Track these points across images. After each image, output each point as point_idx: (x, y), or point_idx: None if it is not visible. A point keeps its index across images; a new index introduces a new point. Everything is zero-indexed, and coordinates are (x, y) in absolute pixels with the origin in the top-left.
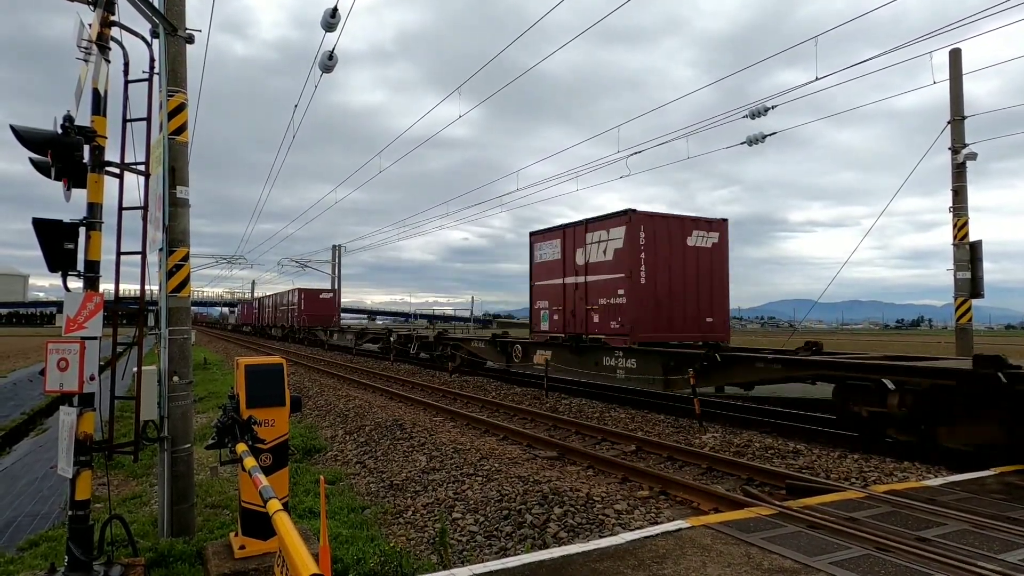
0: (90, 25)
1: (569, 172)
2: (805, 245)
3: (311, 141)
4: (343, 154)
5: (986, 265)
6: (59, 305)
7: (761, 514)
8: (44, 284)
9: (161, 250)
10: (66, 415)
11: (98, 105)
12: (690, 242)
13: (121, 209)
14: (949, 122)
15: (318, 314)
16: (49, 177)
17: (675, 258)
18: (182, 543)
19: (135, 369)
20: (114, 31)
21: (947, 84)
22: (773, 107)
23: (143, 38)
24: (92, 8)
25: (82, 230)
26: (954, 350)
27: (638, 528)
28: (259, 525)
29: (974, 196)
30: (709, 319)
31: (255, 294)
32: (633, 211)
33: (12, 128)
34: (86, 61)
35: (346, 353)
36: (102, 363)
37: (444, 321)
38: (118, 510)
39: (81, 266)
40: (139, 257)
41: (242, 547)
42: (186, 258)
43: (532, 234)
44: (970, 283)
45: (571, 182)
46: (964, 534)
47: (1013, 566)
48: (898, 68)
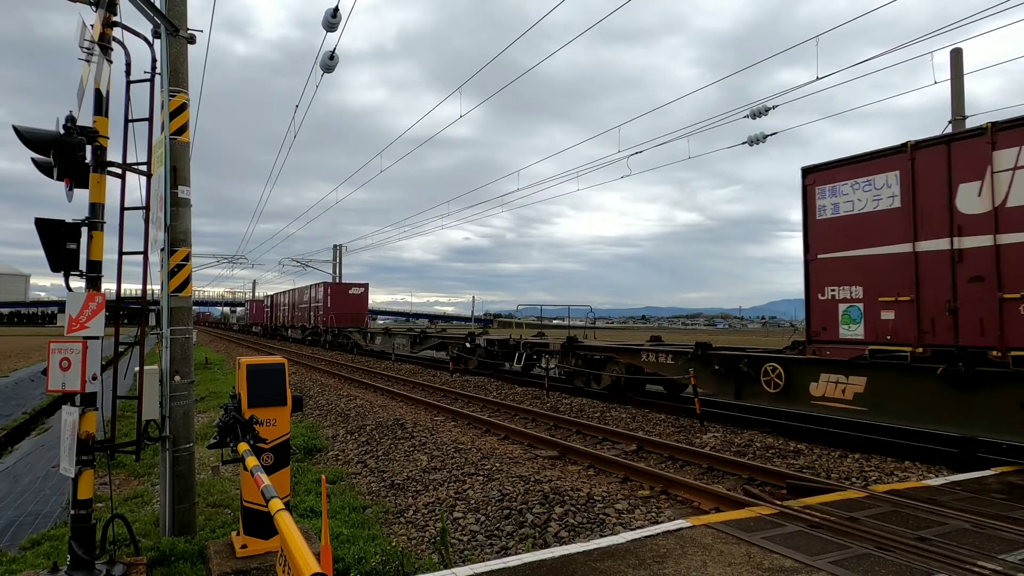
0: (92, 25)
1: (570, 172)
2: None
3: (312, 141)
4: (344, 154)
5: None
6: (60, 304)
7: (762, 514)
8: (45, 283)
9: (163, 250)
10: (68, 414)
11: (100, 105)
12: None
13: (123, 209)
14: (950, 122)
15: (347, 312)
16: (51, 177)
17: None
18: (184, 542)
19: (137, 369)
20: (116, 31)
21: (948, 84)
22: (774, 107)
23: (145, 38)
24: (94, 8)
25: (84, 230)
26: None
27: (639, 527)
28: (261, 524)
29: None
30: None
31: (256, 293)
32: None
33: (15, 128)
34: (88, 61)
35: (383, 359)
36: (104, 363)
37: (445, 320)
38: (120, 509)
39: (83, 266)
40: (141, 257)
41: (244, 546)
42: (188, 258)
43: (811, 170)
44: None
45: (572, 182)
46: (965, 534)
47: (1014, 566)
48: (899, 67)
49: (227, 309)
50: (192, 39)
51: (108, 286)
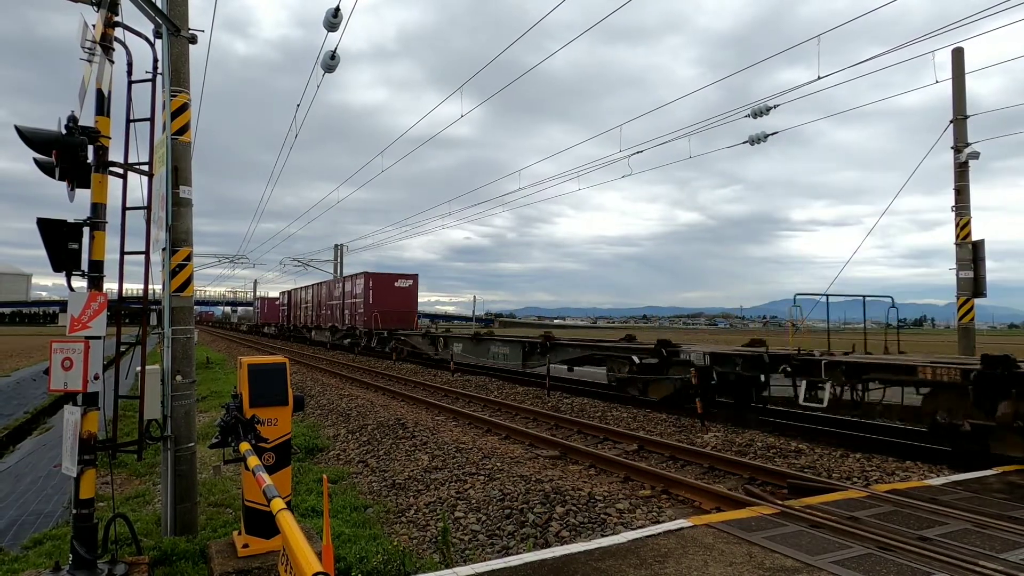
0: (94, 26)
1: (571, 171)
2: (807, 244)
3: (313, 140)
4: (345, 153)
5: (989, 264)
6: (62, 304)
7: (763, 513)
8: (47, 283)
9: (164, 250)
10: (70, 414)
11: (102, 105)
12: None
13: (125, 209)
14: (952, 121)
15: (394, 311)
16: (53, 177)
17: None
18: (185, 542)
19: (138, 368)
20: (117, 31)
21: (950, 83)
22: (775, 106)
23: (146, 38)
24: (95, 8)
25: (86, 230)
26: (956, 349)
27: (640, 527)
28: (262, 524)
29: (977, 195)
30: None
31: (257, 293)
32: None
33: (17, 129)
34: (90, 61)
35: (437, 367)
36: (106, 362)
37: (446, 320)
38: (122, 509)
39: (85, 266)
40: (143, 257)
41: (245, 546)
42: (189, 257)
43: None
44: (972, 282)
45: (573, 181)
46: (966, 533)
47: (1015, 565)
48: (901, 67)
49: (228, 308)
50: (193, 39)
51: (110, 286)
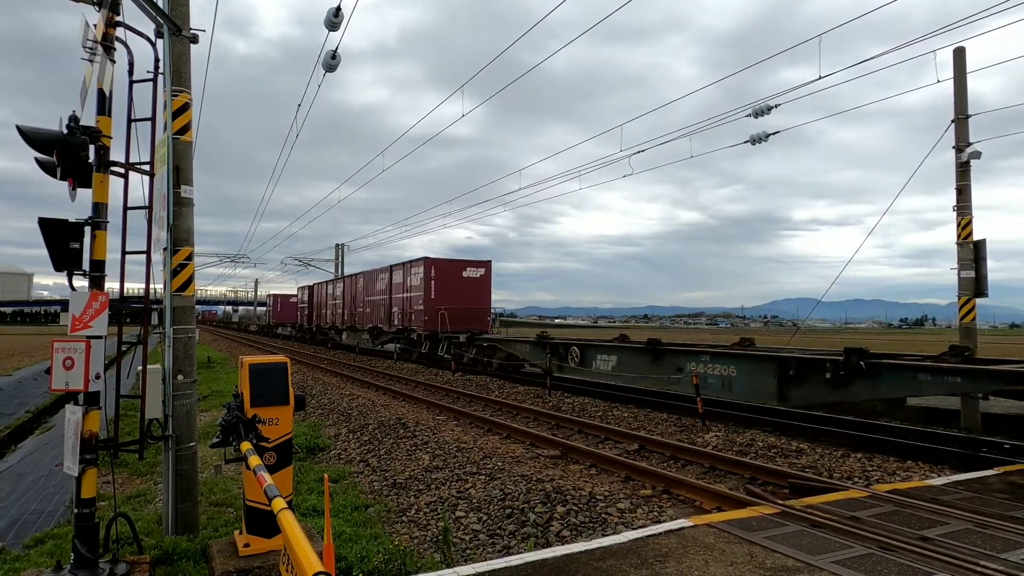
0: (95, 25)
1: (572, 171)
2: (808, 243)
3: (314, 140)
4: (346, 153)
5: (991, 264)
6: (63, 303)
7: (764, 513)
8: (48, 283)
9: (165, 249)
10: (72, 414)
11: (103, 105)
12: None
13: (126, 208)
14: (953, 120)
15: (463, 308)
16: (55, 177)
17: None
18: (186, 541)
19: (140, 368)
20: (119, 31)
21: (951, 82)
22: (776, 106)
23: (147, 38)
24: (97, 8)
25: (87, 229)
26: None
27: (641, 527)
28: (263, 523)
29: (979, 194)
30: None
31: (258, 292)
32: None
33: (18, 128)
34: (91, 61)
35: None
36: (107, 362)
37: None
38: (123, 508)
39: (86, 265)
40: (144, 256)
41: (246, 545)
42: (190, 257)
43: None
44: (974, 282)
45: (574, 181)
46: (967, 533)
47: (1016, 565)
48: (902, 66)
49: (228, 308)
50: (195, 39)
51: (111, 285)
